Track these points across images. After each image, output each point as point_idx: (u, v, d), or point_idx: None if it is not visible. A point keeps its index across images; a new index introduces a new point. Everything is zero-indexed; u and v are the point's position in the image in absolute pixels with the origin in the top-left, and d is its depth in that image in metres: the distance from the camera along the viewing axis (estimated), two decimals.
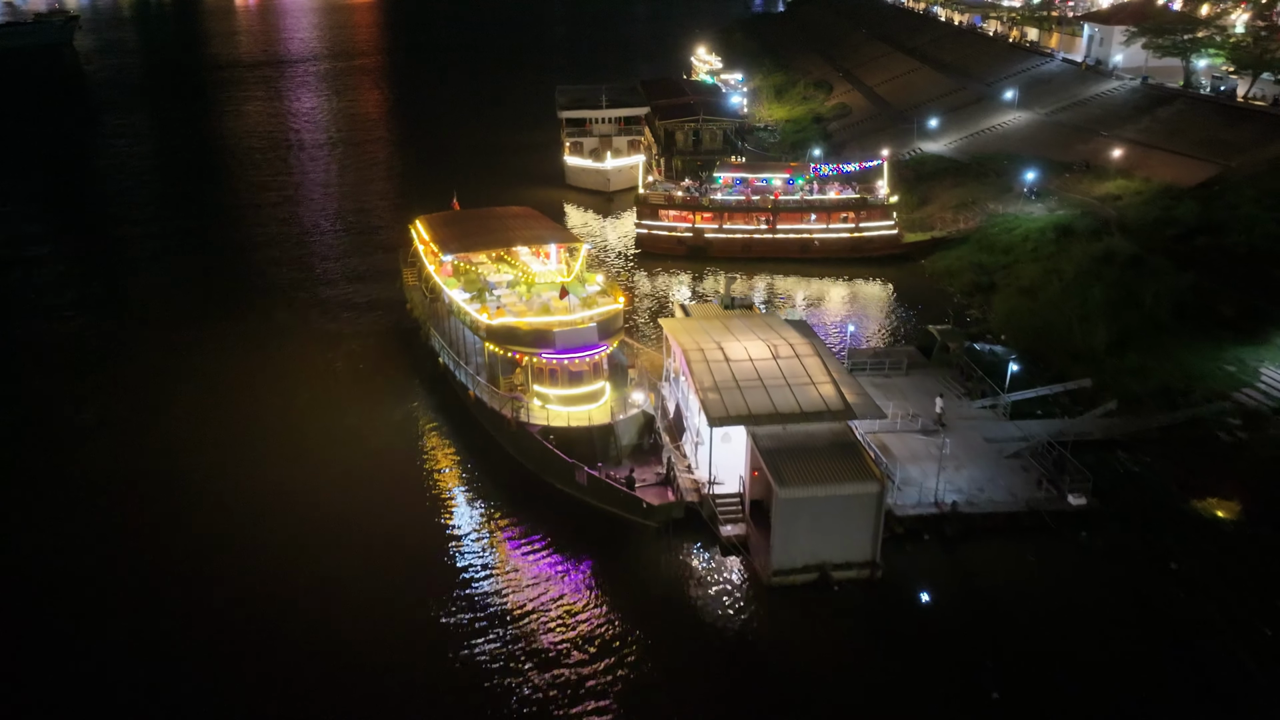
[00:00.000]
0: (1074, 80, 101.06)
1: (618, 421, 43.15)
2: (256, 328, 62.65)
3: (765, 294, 69.89)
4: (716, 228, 74.41)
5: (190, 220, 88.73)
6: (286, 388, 54.00)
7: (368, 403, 51.86)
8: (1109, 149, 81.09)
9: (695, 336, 45.57)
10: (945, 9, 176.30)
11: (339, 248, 79.70)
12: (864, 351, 54.56)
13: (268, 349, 59.12)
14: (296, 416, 50.77)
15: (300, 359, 57.61)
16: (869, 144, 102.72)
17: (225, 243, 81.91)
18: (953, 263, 70.90)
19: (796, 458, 38.11)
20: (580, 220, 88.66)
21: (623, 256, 77.00)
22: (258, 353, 58.63)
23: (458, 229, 53.68)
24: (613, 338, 45.34)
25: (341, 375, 55.36)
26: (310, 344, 59.71)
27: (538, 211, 58.11)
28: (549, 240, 51.71)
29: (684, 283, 71.67)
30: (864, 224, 73.37)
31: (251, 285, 71.19)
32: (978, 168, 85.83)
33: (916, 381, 51.75)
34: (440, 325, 52.21)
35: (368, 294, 67.89)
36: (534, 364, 44.47)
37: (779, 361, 43.24)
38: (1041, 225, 70.52)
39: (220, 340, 60.51)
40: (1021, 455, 44.18)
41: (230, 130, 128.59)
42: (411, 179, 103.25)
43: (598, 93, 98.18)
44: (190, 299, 68.50)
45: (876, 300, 68.50)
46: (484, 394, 45.85)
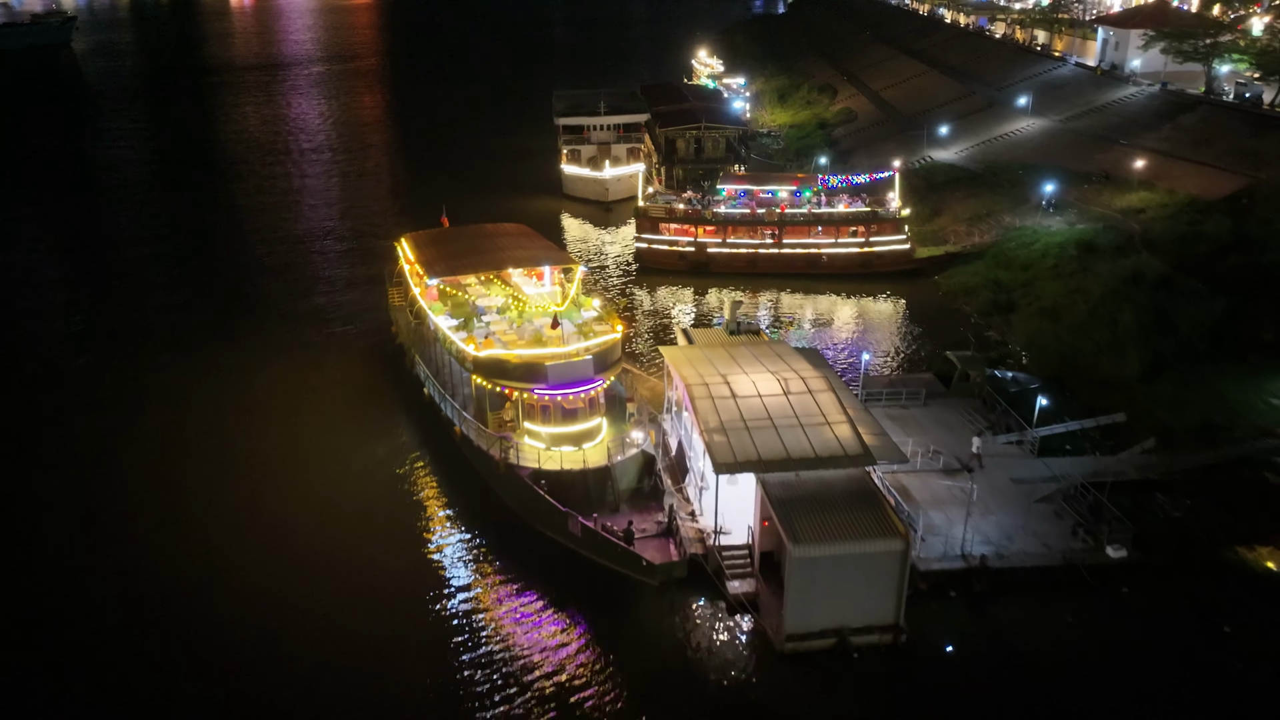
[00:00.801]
0: (1089, 86, 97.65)
1: (615, 463, 39.69)
2: (238, 349, 59.17)
3: (771, 313, 66.47)
4: (720, 242, 70.96)
5: (178, 231, 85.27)
6: (266, 417, 50.54)
7: (350, 435, 48.39)
8: (1129, 159, 77.63)
9: (699, 368, 42.13)
10: (950, 11, 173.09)
11: (327, 261, 76.24)
12: (879, 380, 51.14)
13: (249, 373, 55.64)
14: (275, 449, 47.34)
15: (282, 385, 54.13)
16: (876, 151, 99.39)
17: (212, 256, 78.44)
18: (968, 279, 67.46)
19: (811, 510, 34.66)
20: (577, 232, 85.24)
21: (621, 272, 73.57)
22: (238, 377, 55.17)
23: (445, 249, 50.23)
24: (610, 370, 41.90)
25: (324, 403, 51.85)
26: (293, 368, 56.22)
27: (531, 229, 54.61)
28: (543, 261, 48.27)
29: (686, 301, 68.22)
30: (874, 238, 69.90)
31: (235, 303, 67.70)
32: (991, 177, 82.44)
33: (936, 413, 48.30)
34: (426, 352, 48.80)
35: (354, 312, 64.40)
36: (524, 399, 41.04)
37: (790, 397, 39.79)
38: (1061, 240, 67.12)
39: (200, 362, 57.09)
40: (1053, 499, 40.71)
41: (223, 136, 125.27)
42: (405, 187, 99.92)
43: (596, 98, 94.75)
44: (171, 317, 65.07)
45: (888, 320, 65.03)
46: (470, 431, 42.38)
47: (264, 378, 54.86)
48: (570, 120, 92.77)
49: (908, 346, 60.21)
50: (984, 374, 50.23)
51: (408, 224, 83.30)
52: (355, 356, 57.54)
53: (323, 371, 55.46)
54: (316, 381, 54.33)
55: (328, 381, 54.21)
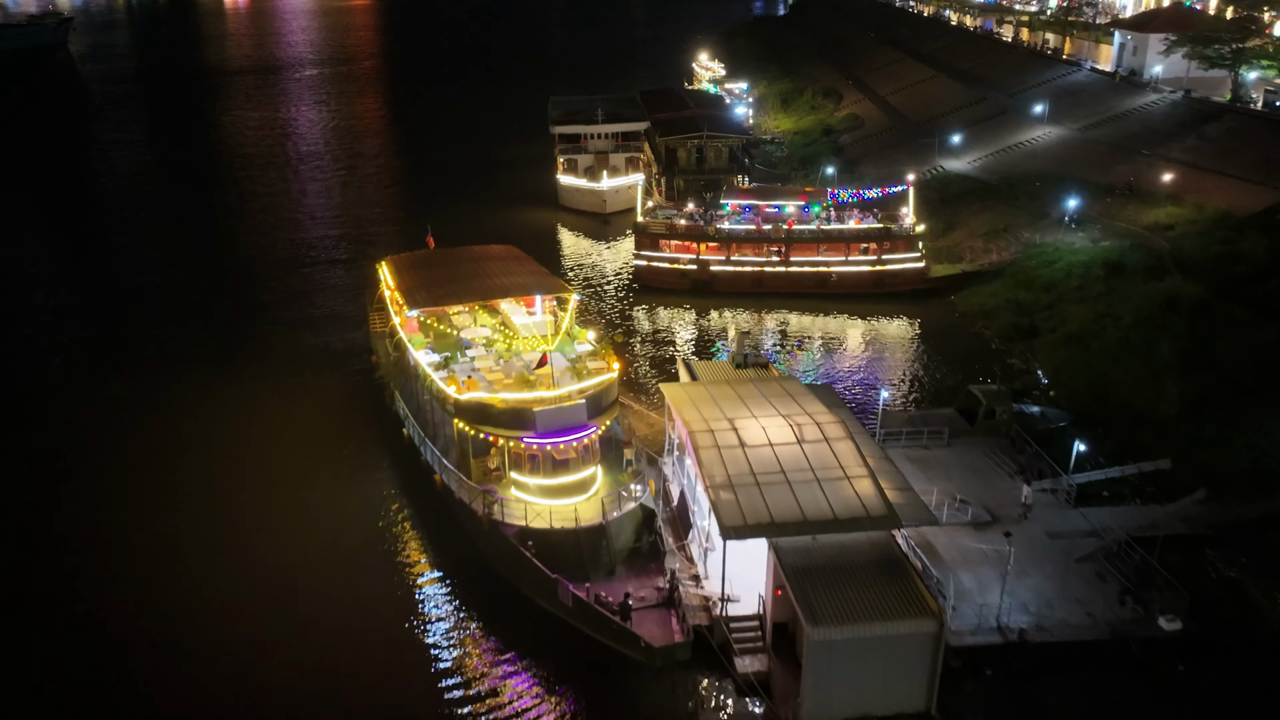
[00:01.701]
0: (1106, 92, 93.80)
1: (611, 521, 35.81)
2: (210, 376, 55.36)
3: (778, 336, 62.65)
4: (723, 260, 67.13)
5: (162, 242, 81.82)
6: (240, 455, 46.73)
7: (325, 481, 44.50)
8: (1153, 170, 73.91)
9: (703, 410, 38.31)
10: (956, 13, 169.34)
11: (309, 280, 72.24)
12: (898, 416, 47.27)
13: (224, 404, 51.77)
14: (248, 492, 43.59)
15: (258, 419, 50.23)
16: (885, 160, 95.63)
17: (192, 271, 74.67)
18: (986, 300, 63.60)
19: (830, 581, 30.85)
20: (573, 246, 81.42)
21: (619, 291, 69.69)
22: (212, 408, 51.34)
23: (427, 275, 46.37)
24: (605, 414, 38.07)
25: (298, 445, 47.88)
26: (271, 400, 52.30)
27: (521, 252, 50.75)
28: (533, 290, 44.41)
29: (687, 323, 64.38)
30: (887, 256, 66.09)
31: (211, 325, 64.02)
32: (1007, 189, 78.55)
33: (960, 455, 44.47)
34: (406, 387, 44.95)
35: (337, 337, 60.35)
36: (511, 447, 37.21)
37: (804, 446, 35.96)
38: (1085, 259, 63.28)
39: (172, 391, 53.35)
40: (1095, 558, 36.87)
41: (214, 142, 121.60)
42: (395, 198, 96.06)
43: (593, 106, 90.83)
44: (146, 337, 61.36)
45: (903, 345, 61.19)
46: (451, 481, 38.53)
47: (235, 414, 50.95)
48: (566, 129, 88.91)
49: (925, 375, 56.38)
50: (1011, 410, 46.38)
51: (396, 238, 79.95)
52: (334, 387, 53.62)
53: (299, 406, 51.50)
54: (292, 417, 50.40)
55: (304, 418, 50.26)
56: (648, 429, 48.37)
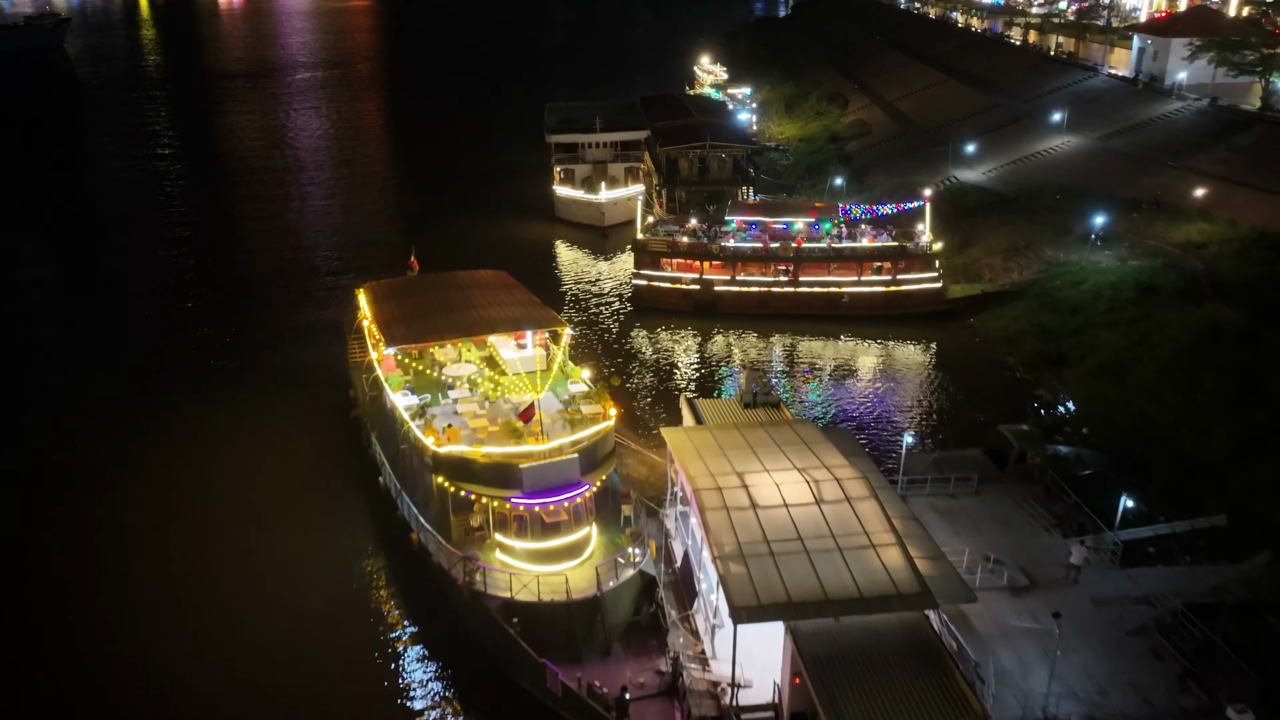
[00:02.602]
0: (1126, 99, 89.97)
1: (606, 593, 31.92)
2: (184, 404, 51.70)
3: (785, 361, 58.82)
4: (728, 279, 63.28)
5: (143, 257, 77.64)
6: (202, 501, 42.92)
7: (298, 530, 40.66)
8: (1181, 183, 70.13)
9: (710, 462, 34.37)
10: (963, 15, 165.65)
11: (296, 297, 68.11)
12: (920, 458, 43.33)
13: (192, 439, 47.95)
14: (215, 543, 39.80)
15: (225, 459, 46.32)
16: (895, 169, 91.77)
17: (173, 286, 70.94)
18: (1009, 324, 59.75)
19: (856, 673, 26.94)
20: (569, 262, 77.57)
21: (616, 312, 65.80)
22: (179, 443, 47.57)
23: (408, 306, 42.44)
24: (600, 469, 34.26)
25: (272, 486, 43.97)
26: (242, 437, 48.34)
27: (511, 278, 46.82)
28: (523, 324, 40.49)
29: (690, 348, 60.51)
30: (902, 276, 62.26)
31: (188, 343, 60.22)
32: (1026, 202, 74.71)
33: (991, 505, 40.55)
34: (384, 429, 41.05)
35: (318, 364, 55.77)
36: (495, 507, 33.36)
37: (823, 508, 32.03)
38: (1114, 280, 59.45)
39: (136, 423, 49.58)
40: (1148, 630, 32.98)
41: (207, 149, 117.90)
42: (387, 210, 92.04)
43: (591, 113, 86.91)
44: (112, 369, 57.30)
45: (920, 373, 57.37)
46: (429, 542, 34.66)
47: (200, 450, 47.10)
48: (563, 138, 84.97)
49: (946, 409, 52.49)
50: (1045, 454, 42.47)
51: (385, 251, 76.28)
52: (311, 422, 49.51)
53: (272, 446, 47.50)
54: (264, 458, 46.40)
55: (277, 460, 46.24)
56: (647, 471, 44.55)
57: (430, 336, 39.59)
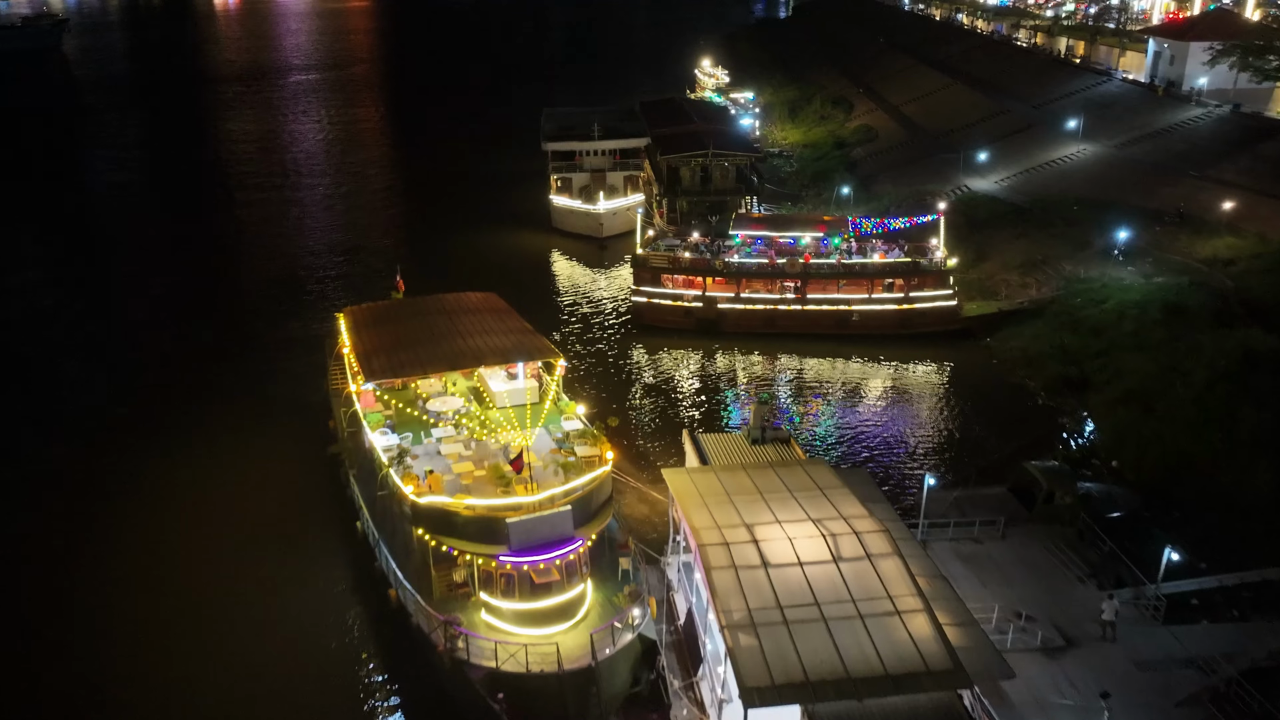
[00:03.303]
0: (1142, 105, 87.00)
1: (602, 661, 28.89)
2: (155, 432, 48.57)
3: (792, 384, 55.82)
4: (732, 296, 60.27)
5: (124, 270, 74.74)
6: (173, 541, 39.94)
7: (273, 579, 37.52)
8: (1204, 195, 67.19)
9: (716, 511, 31.33)
10: (969, 17, 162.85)
11: (280, 314, 64.54)
12: (941, 497, 40.25)
13: (160, 477, 44.83)
14: (175, 592, 36.80)
15: (199, 496, 43.26)
16: (903, 177, 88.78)
17: (152, 299, 68.01)
18: (1028, 344, 56.71)
19: None
20: (566, 275, 74.56)
21: (615, 330, 62.73)
22: (144, 480, 44.52)
23: (390, 334, 39.43)
24: (595, 522, 31.28)
25: (247, 526, 40.88)
26: (216, 470, 45.27)
27: (503, 303, 43.75)
28: (513, 355, 37.43)
29: (693, 370, 57.51)
30: (915, 293, 59.26)
31: (164, 368, 57.12)
32: (1041, 214, 71.68)
33: (1019, 551, 37.50)
34: (363, 468, 37.98)
35: (298, 391, 52.29)
36: (480, 564, 30.34)
37: (841, 566, 29.00)
38: (1139, 298, 56.45)
39: (102, 455, 46.60)
40: (1200, 701, 29.96)
41: (198, 156, 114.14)
42: (379, 219, 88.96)
43: (589, 119, 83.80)
44: (78, 392, 54.36)
45: (935, 398, 54.37)
46: (408, 601, 31.62)
47: (182, 491, 43.96)
48: (560, 145, 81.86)
49: (964, 437, 49.41)
50: (1075, 495, 39.45)
51: (375, 265, 73.22)
52: (291, 453, 46.22)
53: (249, 480, 44.35)
54: (239, 494, 43.31)
55: (253, 496, 43.10)
56: (648, 510, 41.53)
57: (412, 370, 36.56)
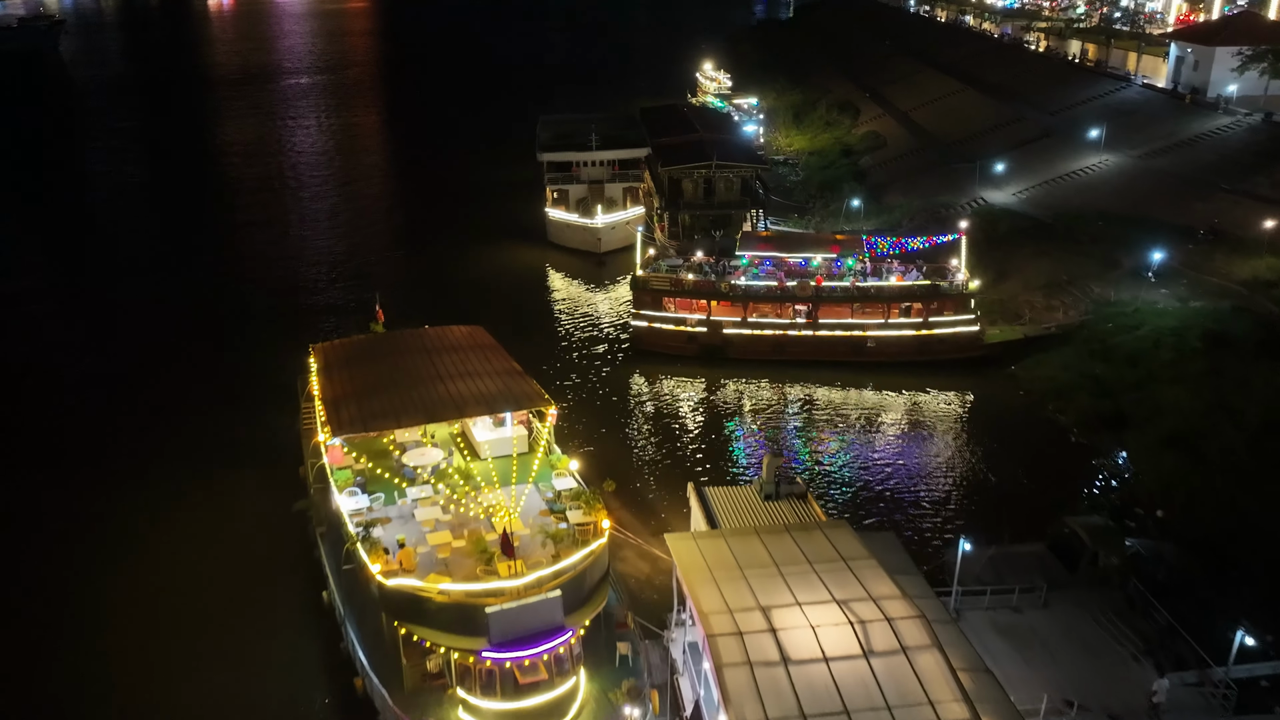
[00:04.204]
0: (1165, 113, 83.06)
1: None
2: (114, 475, 44.77)
3: (803, 416, 51.94)
4: (739, 321, 56.41)
5: (100, 286, 70.99)
6: (123, 606, 36.08)
7: (231, 654, 33.62)
8: (1239, 210, 63.36)
9: (727, 590, 27.42)
10: (975, 19, 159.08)
11: (257, 340, 60.31)
12: (976, 558, 36.37)
13: (116, 524, 41.01)
14: (124, 664, 32.96)
15: (155, 551, 39.40)
16: (915, 188, 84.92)
17: (129, 319, 64.35)
18: (1057, 374, 52.84)
19: None
20: (561, 294, 70.69)
21: (612, 356, 58.80)
22: (104, 523, 40.76)
23: (363, 378, 35.50)
24: (590, 606, 27.39)
25: (205, 591, 36.88)
26: (175, 522, 41.30)
27: (490, 339, 39.77)
28: (499, 405, 33.50)
29: (696, 401, 53.61)
30: (934, 318, 55.39)
31: (128, 397, 53.25)
32: (1064, 229, 67.74)
33: (1063, 621, 33.56)
34: (332, 530, 34.02)
35: (269, 428, 47.84)
36: (457, 658, 26.44)
37: (873, 661, 25.11)
38: (1176, 324, 52.55)
39: (52, 498, 42.74)
40: None
41: (185, 164, 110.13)
42: (370, 233, 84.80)
43: (587, 128, 79.88)
44: (36, 425, 50.48)
45: (957, 434, 50.47)
46: (375, 695, 27.72)
47: (130, 536, 40.22)
48: (556, 156, 77.98)
49: (994, 481, 45.38)
50: (1123, 555, 35.58)
51: (356, 288, 69.29)
52: (253, 504, 42.11)
53: (206, 535, 40.29)
54: (201, 546, 39.42)
55: (209, 553, 39.12)
56: (649, 568, 37.68)
57: (385, 422, 32.61)
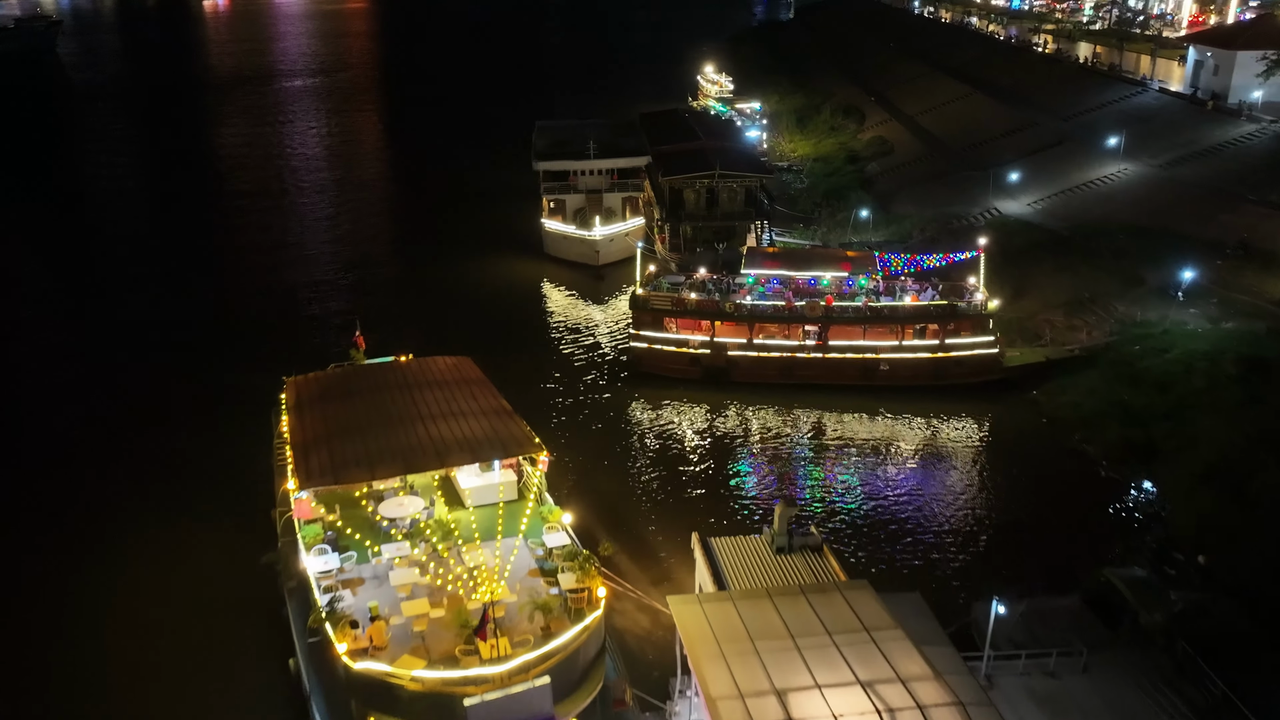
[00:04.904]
0: (1184, 119, 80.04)
1: None
2: (62, 521, 41.63)
3: (813, 445, 48.92)
4: (744, 342, 53.37)
5: (78, 301, 68.02)
6: (70, 665, 33.12)
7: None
8: (1269, 223, 60.30)
9: (735, 666, 24.46)
10: (981, 20, 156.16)
11: (235, 362, 56.71)
12: (1006, 618, 33.26)
13: (67, 569, 38.09)
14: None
15: (110, 601, 36.40)
16: (926, 197, 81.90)
17: (102, 339, 61.17)
18: (1082, 400, 49.78)
19: None
20: (557, 309, 67.72)
21: (610, 378, 55.74)
22: (45, 571, 37.76)
23: (336, 419, 32.41)
24: (583, 691, 24.33)
25: (166, 648, 33.86)
26: (135, 569, 38.25)
27: (478, 372, 36.65)
28: (485, 453, 30.37)
29: (700, 429, 50.55)
30: (951, 340, 52.37)
31: (86, 428, 50.18)
32: (1083, 243, 64.70)
33: (1106, 687, 30.45)
34: (300, 588, 30.83)
35: (246, 461, 44.65)
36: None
37: None
38: (1207, 347, 49.55)
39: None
40: None
41: (179, 171, 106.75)
42: (361, 245, 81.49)
43: (585, 134, 76.66)
44: None
45: (978, 466, 47.47)
46: None
47: (61, 592, 37.10)
48: (552, 164, 74.83)
49: (1020, 520, 42.18)
50: (1168, 611, 32.53)
51: (341, 301, 66.35)
52: (221, 548, 38.87)
53: (167, 586, 37.35)
54: (152, 608, 36.28)
55: (170, 606, 36.16)
56: (648, 623, 34.63)
57: (359, 473, 29.46)
